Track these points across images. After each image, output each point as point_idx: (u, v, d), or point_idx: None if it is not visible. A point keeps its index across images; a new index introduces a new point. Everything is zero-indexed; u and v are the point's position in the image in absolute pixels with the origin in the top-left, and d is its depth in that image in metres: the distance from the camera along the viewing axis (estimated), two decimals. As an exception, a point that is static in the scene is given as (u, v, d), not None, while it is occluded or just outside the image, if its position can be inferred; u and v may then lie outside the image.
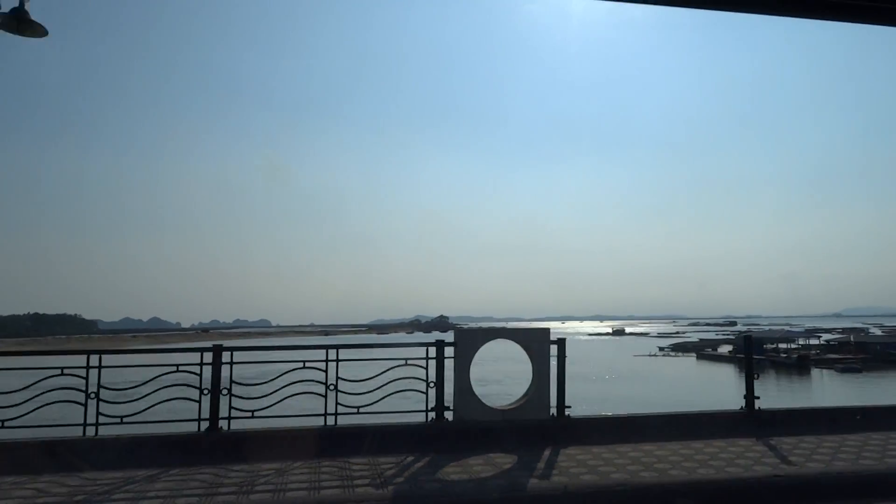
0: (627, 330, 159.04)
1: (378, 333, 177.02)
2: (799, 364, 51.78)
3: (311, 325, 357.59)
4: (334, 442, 6.98)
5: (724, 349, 69.59)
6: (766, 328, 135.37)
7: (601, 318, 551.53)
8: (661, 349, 77.16)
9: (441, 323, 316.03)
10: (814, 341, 65.22)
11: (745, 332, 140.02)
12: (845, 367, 49.43)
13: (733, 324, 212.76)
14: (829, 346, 65.58)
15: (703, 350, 67.49)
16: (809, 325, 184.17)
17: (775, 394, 37.42)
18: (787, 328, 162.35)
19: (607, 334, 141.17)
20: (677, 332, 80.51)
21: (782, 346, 63.73)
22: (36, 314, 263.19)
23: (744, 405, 8.22)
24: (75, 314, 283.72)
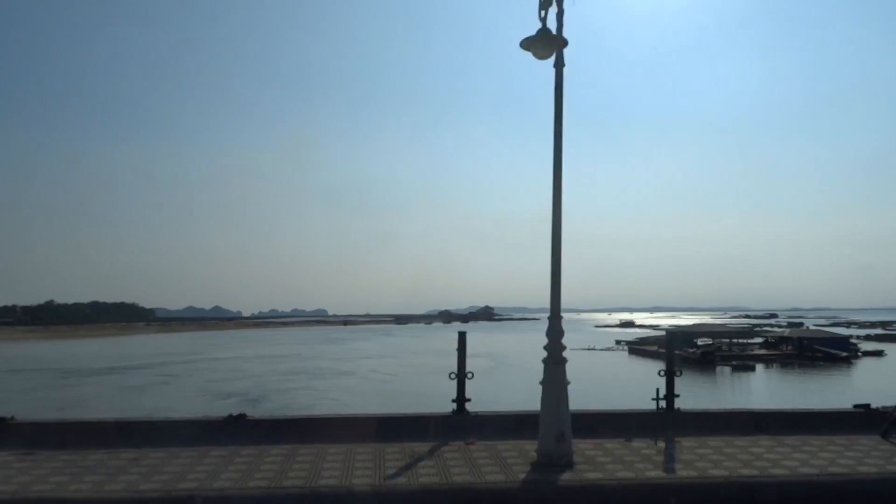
0: (640, 322, 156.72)
1: (397, 324, 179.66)
2: (702, 360, 51.16)
3: (367, 315, 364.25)
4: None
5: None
6: (802, 322, 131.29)
7: (658, 310, 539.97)
8: (617, 342, 76.89)
9: (485, 313, 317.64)
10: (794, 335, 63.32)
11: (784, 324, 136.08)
12: (738, 366, 48.87)
13: (774, 316, 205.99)
14: (767, 343, 64.11)
15: (638, 346, 66.77)
16: (869, 318, 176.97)
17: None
18: (831, 321, 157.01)
19: (614, 326, 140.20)
20: (693, 325, 78.55)
21: (724, 341, 62.87)
22: (95, 302, 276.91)
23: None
24: (133, 303, 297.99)
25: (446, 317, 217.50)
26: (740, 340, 65.59)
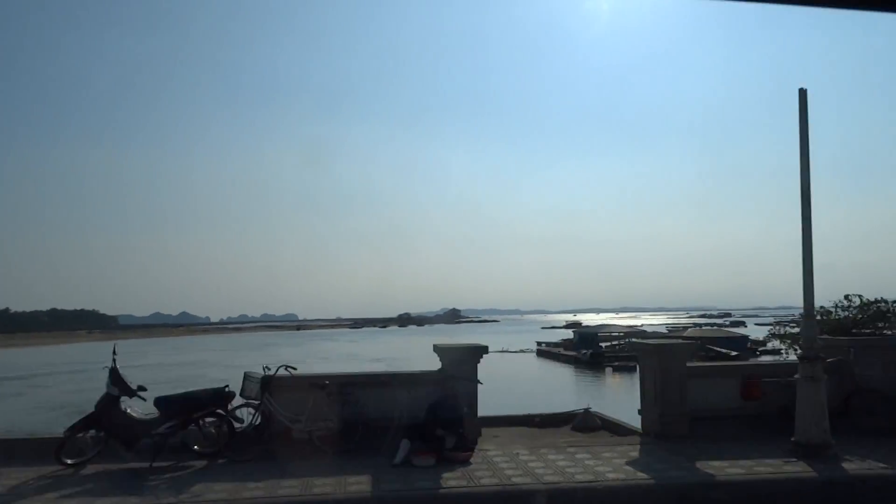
0: (588, 321, 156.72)
1: (352, 328, 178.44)
2: (591, 361, 50.90)
3: (338, 319, 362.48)
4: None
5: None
6: (743, 321, 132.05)
7: (627, 310, 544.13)
8: (538, 343, 76.36)
9: (451, 316, 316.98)
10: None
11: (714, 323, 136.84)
12: (619, 367, 48.53)
13: (727, 316, 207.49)
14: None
15: (545, 348, 66.37)
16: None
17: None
18: (780, 319, 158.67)
19: (560, 327, 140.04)
20: (599, 325, 78.82)
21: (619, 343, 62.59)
22: (53, 310, 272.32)
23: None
24: (94, 309, 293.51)
25: (404, 320, 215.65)
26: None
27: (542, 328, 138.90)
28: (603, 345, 60.09)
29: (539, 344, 74.42)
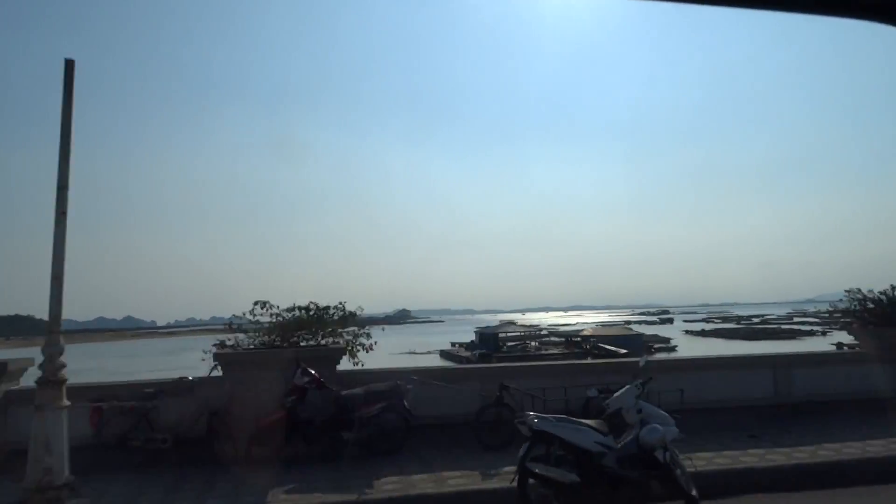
0: (523, 321, 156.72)
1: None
2: (479, 361, 50.00)
3: None
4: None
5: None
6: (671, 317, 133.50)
7: (577, 308, 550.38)
8: (452, 344, 75.35)
9: (400, 316, 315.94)
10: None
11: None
12: (504, 366, 47.74)
13: (665, 313, 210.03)
14: (569, 343, 63.45)
15: (448, 350, 65.44)
16: (772, 311, 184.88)
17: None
18: (716, 315, 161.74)
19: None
20: (501, 324, 77.63)
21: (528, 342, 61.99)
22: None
23: None
24: (29, 314, 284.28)
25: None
26: (552, 339, 65.04)
27: (476, 328, 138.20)
28: (511, 344, 59.69)
29: (453, 345, 73.58)
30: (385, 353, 63.43)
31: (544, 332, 74.83)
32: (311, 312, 10.51)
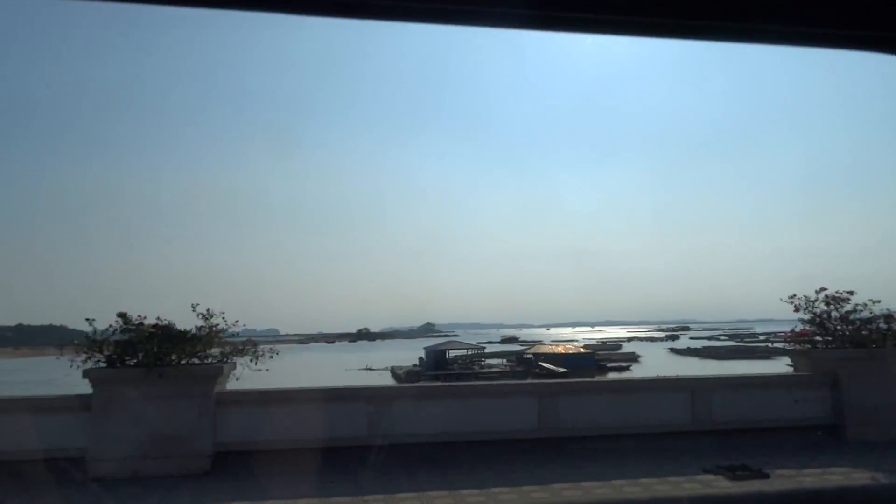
0: (526, 336, 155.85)
1: (299, 344, 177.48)
2: (406, 380, 50.20)
3: (320, 334, 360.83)
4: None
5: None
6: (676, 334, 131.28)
7: (609, 324, 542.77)
8: (420, 360, 75.42)
9: (424, 330, 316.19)
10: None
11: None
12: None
13: (686, 329, 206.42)
14: (518, 360, 62.94)
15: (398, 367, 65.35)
16: (781, 328, 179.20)
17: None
18: (742, 332, 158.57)
19: (496, 342, 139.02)
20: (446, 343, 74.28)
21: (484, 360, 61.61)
22: (20, 325, 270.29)
23: None
24: (61, 325, 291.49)
25: (355, 336, 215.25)
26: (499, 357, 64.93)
27: (424, 346, 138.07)
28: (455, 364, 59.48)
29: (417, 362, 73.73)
30: (341, 368, 63.76)
31: (485, 349, 74.16)
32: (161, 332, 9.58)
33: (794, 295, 10.86)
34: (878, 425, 9.91)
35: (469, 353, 65.02)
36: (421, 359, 61.95)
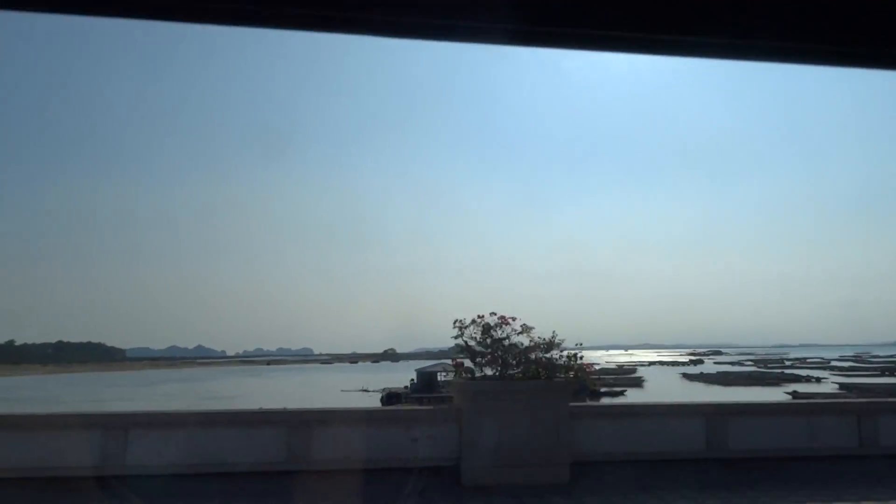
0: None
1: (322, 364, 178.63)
2: (387, 402, 49.47)
3: (353, 354, 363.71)
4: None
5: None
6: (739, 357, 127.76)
7: (647, 347, 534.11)
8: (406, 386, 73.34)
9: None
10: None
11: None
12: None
13: (718, 352, 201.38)
14: None
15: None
16: (839, 353, 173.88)
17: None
18: (776, 356, 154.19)
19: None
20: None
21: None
22: (60, 342, 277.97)
23: None
24: (100, 342, 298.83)
25: (379, 357, 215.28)
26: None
27: (416, 368, 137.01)
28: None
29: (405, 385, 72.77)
30: (337, 389, 63.42)
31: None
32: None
33: (458, 320, 10.20)
34: (495, 468, 9.21)
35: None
36: (412, 381, 61.18)
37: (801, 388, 64.46)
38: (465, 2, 1.20)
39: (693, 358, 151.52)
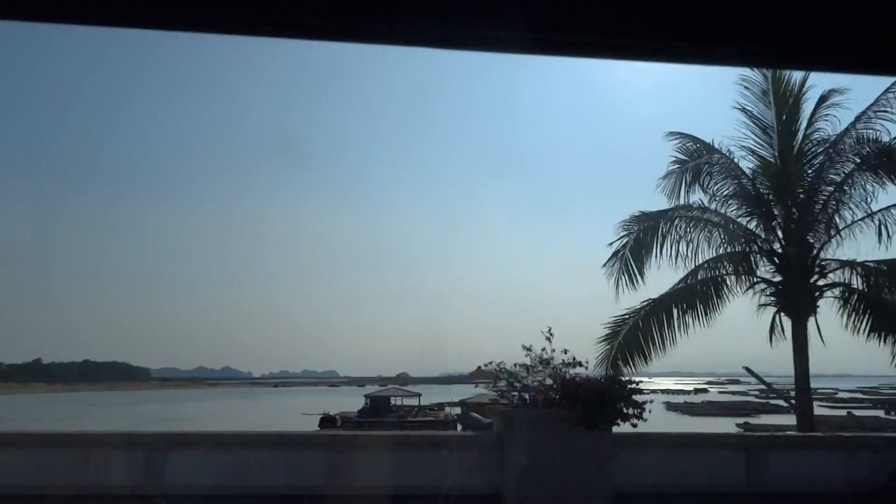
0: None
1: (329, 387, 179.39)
2: (321, 425, 49.63)
3: (379, 377, 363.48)
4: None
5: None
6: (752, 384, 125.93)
7: (676, 374, 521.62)
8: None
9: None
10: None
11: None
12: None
13: (736, 381, 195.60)
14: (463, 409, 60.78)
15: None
16: (844, 385, 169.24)
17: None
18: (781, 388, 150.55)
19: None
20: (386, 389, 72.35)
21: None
22: (86, 361, 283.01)
23: None
24: (123, 361, 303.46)
25: (403, 380, 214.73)
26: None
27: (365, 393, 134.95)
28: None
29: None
30: (298, 412, 63.00)
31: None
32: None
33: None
34: (537, 500, 9.14)
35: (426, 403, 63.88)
36: (365, 404, 61.27)
37: (775, 419, 62.93)
38: (479, 11, 1.21)
39: (698, 387, 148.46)
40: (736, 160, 14.42)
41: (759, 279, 14.07)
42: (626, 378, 9.97)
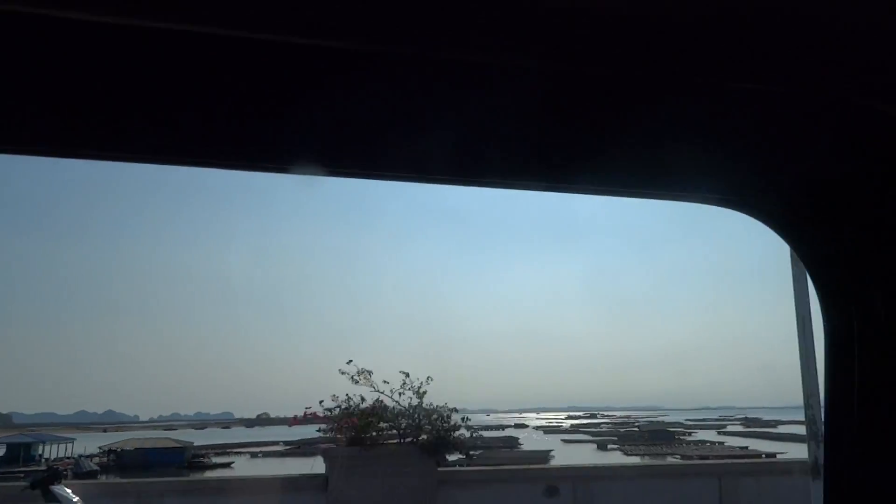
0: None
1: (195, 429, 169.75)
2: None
3: (265, 416, 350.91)
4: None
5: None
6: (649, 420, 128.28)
7: (573, 409, 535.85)
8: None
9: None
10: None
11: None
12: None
13: (593, 416, 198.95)
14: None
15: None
16: (727, 414, 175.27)
17: None
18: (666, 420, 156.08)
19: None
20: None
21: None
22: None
23: None
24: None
25: (251, 421, 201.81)
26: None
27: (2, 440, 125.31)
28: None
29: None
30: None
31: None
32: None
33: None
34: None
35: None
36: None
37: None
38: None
39: (574, 423, 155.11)
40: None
41: None
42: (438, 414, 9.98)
